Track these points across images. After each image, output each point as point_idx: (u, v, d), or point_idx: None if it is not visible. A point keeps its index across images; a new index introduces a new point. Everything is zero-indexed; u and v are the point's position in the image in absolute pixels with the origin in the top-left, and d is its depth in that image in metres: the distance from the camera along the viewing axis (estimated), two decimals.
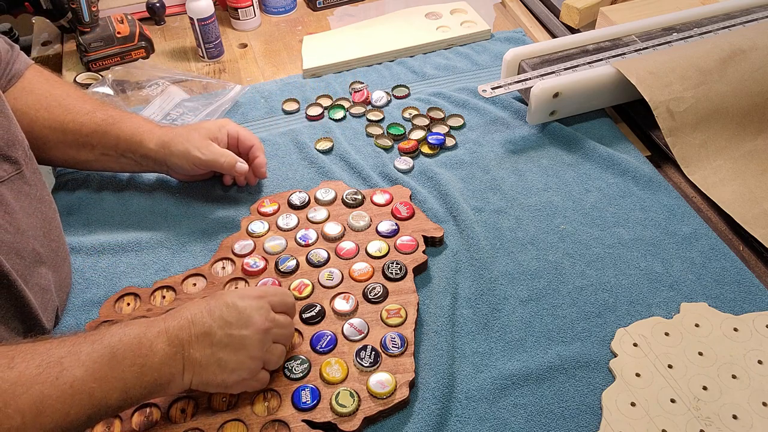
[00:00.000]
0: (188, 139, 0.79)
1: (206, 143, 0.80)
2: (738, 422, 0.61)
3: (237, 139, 0.84)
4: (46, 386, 0.51)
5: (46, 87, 0.81)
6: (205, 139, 0.80)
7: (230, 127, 0.84)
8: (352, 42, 1.12)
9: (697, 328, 0.69)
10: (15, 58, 0.80)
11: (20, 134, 0.70)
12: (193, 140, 0.79)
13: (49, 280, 0.70)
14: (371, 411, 0.62)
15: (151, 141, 0.80)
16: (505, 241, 0.79)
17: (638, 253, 0.77)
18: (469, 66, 1.08)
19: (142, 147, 0.80)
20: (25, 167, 0.70)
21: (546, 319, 0.71)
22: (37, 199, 0.71)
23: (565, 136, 0.92)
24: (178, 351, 0.57)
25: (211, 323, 0.59)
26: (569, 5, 1.08)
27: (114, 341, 0.55)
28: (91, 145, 0.80)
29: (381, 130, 0.96)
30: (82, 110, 0.80)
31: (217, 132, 0.82)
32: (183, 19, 1.22)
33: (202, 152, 0.79)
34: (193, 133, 0.80)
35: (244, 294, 0.62)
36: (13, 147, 0.68)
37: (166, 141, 0.79)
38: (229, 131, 0.83)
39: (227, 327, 0.59)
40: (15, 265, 0.65)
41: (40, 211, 0.71)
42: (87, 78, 1.07)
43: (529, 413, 0.63)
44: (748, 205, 0.80)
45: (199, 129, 0.81)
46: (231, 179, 0.86)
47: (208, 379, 0.59)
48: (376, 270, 0.74)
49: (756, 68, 0.88)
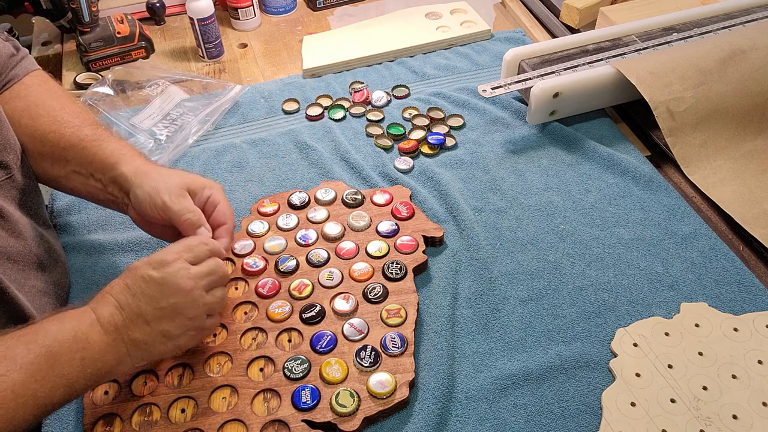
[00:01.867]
0: (166, 179, 0.70)
1: (181, 192, 0.69)
2: (738, 422, 0.61)
3: (213, 209, 0.72)
4: None
5: (42, 96, 0.77)
6: (182, 188, 0.70)
7: (215, 194, 0.72)
8: (352, 42, 1.12)
9: (697, 328, 0.69)
10: (17, 62, 0.77)
11: (12, 138, 0.69)
12: (169, 183, 0.69)
13: (45, 283, 0.70)
14: (371, 411, 0.62)
15: (127, 165, 0.71)
16: (505, 241, 0.79)
17: (638, 253, 0.77)
18: (469, 66, 1.08)
19: (114, 169, 0.71)
20: (16, 171, 0.69)
21: (546, 319, 0.71)
22: (27, 203, 0.71)
23: (565, 136, 0.92)
24: (117, 337, 0.57)
25: (137, 303, 0.58)
26: (569, 5, 1.08)
27: (49, 340, 0.55)
28: (66, 160, 0.73)
29: (381, 130, 0.96)
30: (69, 123, 0.74)
31: (199, 189, 0.71)
32: (183, 19, 1.22)
33: (171, 199, 0.68)
34: (174, 177, 0.71)
35: (157, 262, 0.60)
36: (5, 151, 0.68)
37: (143, 171, 0.70)
38: (212, 197, 0.71)
39: (154, 302, 0.58)
40: (7, 270, 0.65)
41: (31, 215, 0.71)
42: (87, 78, 1.07)
43: (529, 413, 0.63)
44: (748, 205, 0.80)
45: (184, 176, 0.72)
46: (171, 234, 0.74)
47: (158, 350, 0.59)
48: (376, 270, 0.74)
49: (756, 68, 0.88)
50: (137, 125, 0.96)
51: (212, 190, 0.72)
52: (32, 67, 0.79)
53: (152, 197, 0.68)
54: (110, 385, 0.65)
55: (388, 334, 0.68)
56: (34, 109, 0.75)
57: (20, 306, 0.65)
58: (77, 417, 0.64)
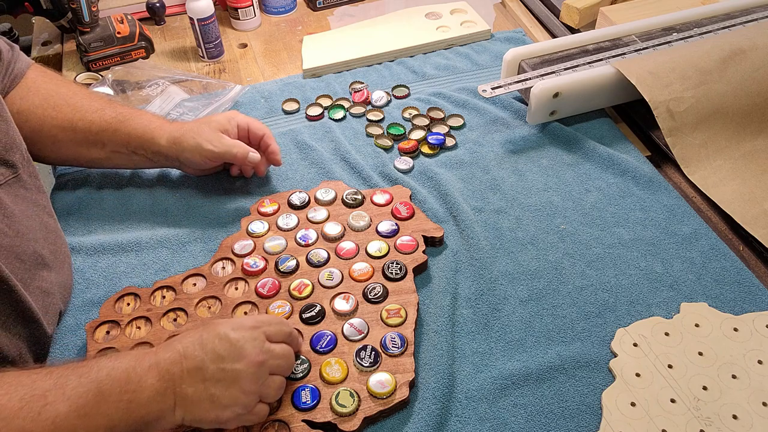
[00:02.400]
0: (199, 133, 0.80)
1: (217, 136, 0.80)
2: (738, 422, 0.61)
3: (247, 130, 0.84)
4: (27, 421, 0.49)
5: (52, 86, 0.81)
6: (215, 131, 0.80)
7: (239, 118, 0.84)
8: (352, 42, 1.12)
9: (697, 328, 0.69)
10: (16, 58, 0.80)
11: (18, 137, 0.70)
12: (204, 134, 0.80)
13: (50, 283, 0.70)
14: (371, 411, 0.62)
15: (162, 137, 0.80)
16: (505, 241, 0.79)
17: (638, 253, 0.77)
18: (469, 66, 1.08)
19: (154, 144, 0.80)
20: (22, 171, 0.70)
21: (546, 319, 0.71)
22: (34, 202, 0.71)
23: (565, 136, 0.92)
24: (169, 387, 0.55)
25: (203, 357, 0.56)
26: (569, 5, 1.08)
27: (102, 375, 0.53)
28: (102, 143, 0.80)
29: (381, 130, 0.96)
30: (90, 108, 0.80)
31: (227, 124, 0.82)
32: (183, 19, 1.22)
33: (215, 145, 0.79)
34: (203, 127, 0.81)
35: (237, 324, 0.59)
36: (11, 151, 0.68)
37: (177, 137, 0.80)
38: (239, 122, 0.83)
39: (219, 361, 0.56)
40: (15, 269, 0.64)
41: (37, 214, 0.71)
42: (87, 78, 1.07)
43: (529, 413, 0.63)
44: (748, 205, 0.80)
45: (209, 122, 0.82)
46: (238, 170, 0.87)
47: (201, 415, 0.56)
48: (376, 270, 0.74)
49: (756, 68, 0.88)
50: None
51: (236, 119, 0.83)
52: (29, 61, 0.82)
53: (199, 152, 0.79)
54: None
55: (388, 334, 0.68)
56: (52, 100, 0.80)
57: (27, 306, 0.65)
58: None
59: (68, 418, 0.51)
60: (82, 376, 0.53)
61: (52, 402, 0.51)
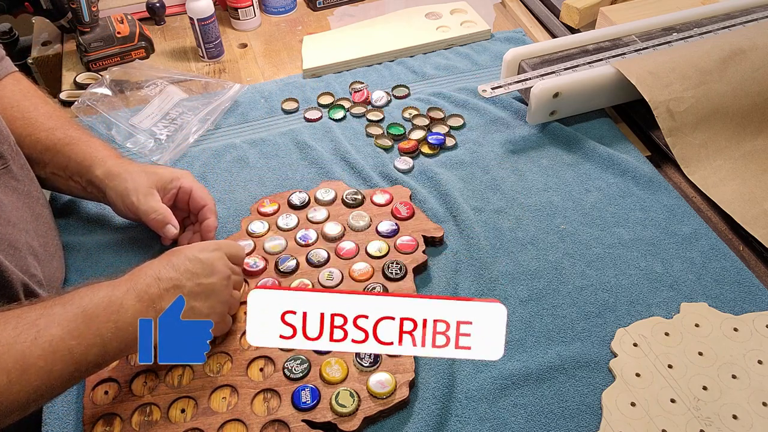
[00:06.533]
0: (134, 180, 0.74)
1: (149, 192, 0.74)
2: (738, 422, 0.61)
3: (188, 196, 0.77)
4: (27, 345, 0.52)
5: (17, 97, 0.79)
6: (150, 186, 0.74)
7: (185, 181, 0.77)
8: (352, 42, 1.12)
9: (697, 328, 0.69)
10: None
11: (5, 129, 0.70)
12: (137, 183, 0.74)
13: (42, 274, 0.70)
14: (371, 411, 0.62)
15: (99, 168, 0.75)
16: (505, 241, 0.79)
17: (638, 253, 0.77)
18: (469, 66, 1.08)
19: (89, 172, 0.75)
20: (11, 162, 0.70)
21: (546, 319, 0.71)
22: (25, 194, 0.72)
23: (565, 136, 0.92)
24: (149, 306, 0.58)
25: (178, 276, 0.60)
26: (569, 5, 1.08)
27: (85, 302, 0.56)
28: (44, 163, 0.77)
29: (381, 130, 0.96)
30: (43, 126, 0.77)
31: (168, 184, 0.76)
32: (183, 19, 1.22)
33: (139, 199, 0.73)
34: (142, 176, 0.75)
35: (201, 247, 0.65)
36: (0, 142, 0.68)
37: (114, 173, 0.75)
38: (183, 186, 0.76)
39: (195, 278, 0.61)
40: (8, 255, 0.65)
41: (28, 205, 0.72)
42: (87, 78, 1.07)
43: (529, 413, 0.63)
44: (748, 205, 0.80)
45: (151, 174, 0.76)
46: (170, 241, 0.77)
47: None
48: (376, 270, 0.74)
49: (756, 68, 0.88)
50: (137, 125, 0.96)
51: (180, 180, 0.77)
52: (10, 69, 0.81)
53: (122, 198, 0.74)
54: (110, 385, 0.65)
55: None
56: (8, 111, 0.77)
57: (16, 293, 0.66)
58: (77, 416, 0.64)
59: (63, 340, 0.54)
60: (65, 305, 0.56)
61: (45, 327, 0.53)
